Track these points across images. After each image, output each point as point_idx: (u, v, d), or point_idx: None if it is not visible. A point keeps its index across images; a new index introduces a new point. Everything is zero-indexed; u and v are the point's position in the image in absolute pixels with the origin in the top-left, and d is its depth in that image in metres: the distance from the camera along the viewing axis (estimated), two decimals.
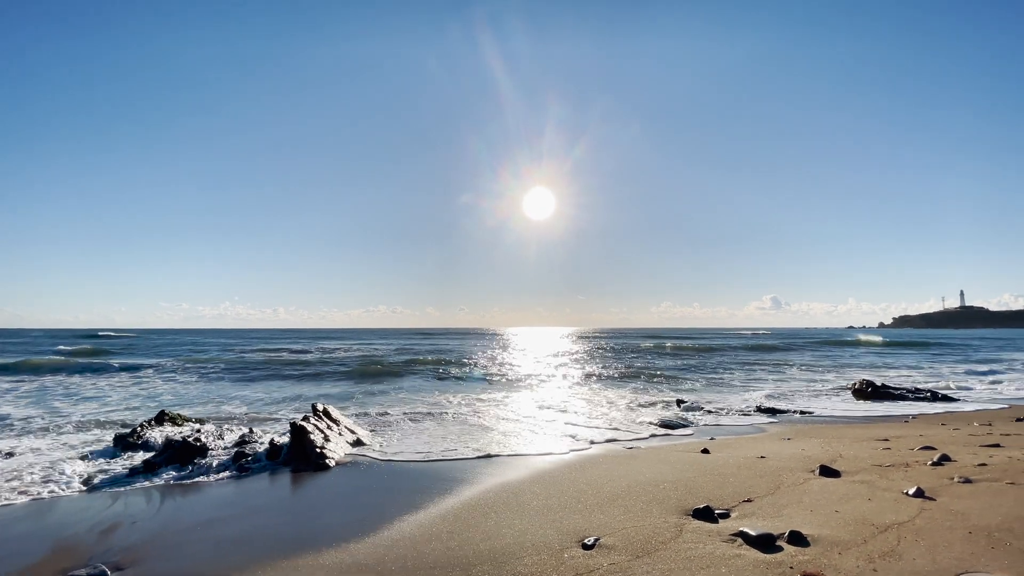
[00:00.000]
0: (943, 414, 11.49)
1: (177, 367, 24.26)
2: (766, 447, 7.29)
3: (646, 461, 6.62)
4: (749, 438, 8.64)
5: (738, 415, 12.36)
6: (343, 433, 8.88)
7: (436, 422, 10.95)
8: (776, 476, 5.41)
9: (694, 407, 13.17)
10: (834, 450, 6.68)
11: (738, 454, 6.77)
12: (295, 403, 13.81)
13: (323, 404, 9.75)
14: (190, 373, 21.78)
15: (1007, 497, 4.05)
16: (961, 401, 14.56)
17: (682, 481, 5.40)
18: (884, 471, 5.24)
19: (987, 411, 11.90)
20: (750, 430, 9.68)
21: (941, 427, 9.19)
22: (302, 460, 7.28)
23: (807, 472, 5.47)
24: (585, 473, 6.07)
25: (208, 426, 9.17)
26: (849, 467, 5.56)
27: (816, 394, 16.70)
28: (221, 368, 23.79)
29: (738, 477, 5.48)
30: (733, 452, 6.96)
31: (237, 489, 6.12)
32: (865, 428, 9.24)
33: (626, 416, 11.60)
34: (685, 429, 10.01)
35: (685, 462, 6.42)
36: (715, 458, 6.58)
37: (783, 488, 4.95)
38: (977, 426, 9.36)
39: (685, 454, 7.06)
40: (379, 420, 11.30)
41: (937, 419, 10.60)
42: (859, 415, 11.66)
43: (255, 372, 22.23)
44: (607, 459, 6.91)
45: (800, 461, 6.02)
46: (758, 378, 20.84)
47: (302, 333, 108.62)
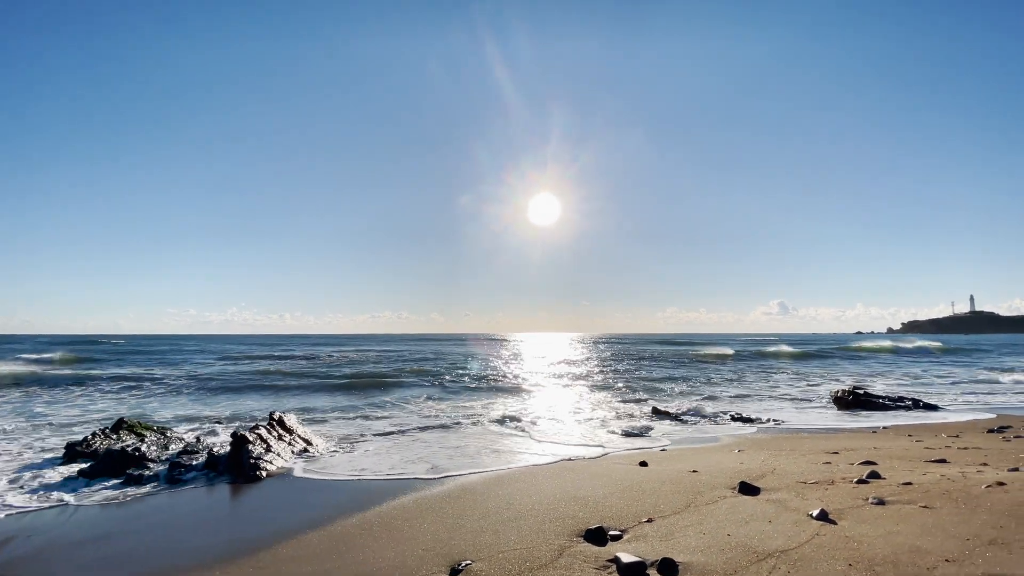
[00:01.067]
0: (917, 425, 10.97)
1: (160, 376, 24.32)
2: (708, 460, 6.92)
3: (578, 475, 6.30)
4: (702, 448, 8.26)
5: (710, 424, 11.96)
6: (295, 443, 8.67)
7: (402, 435, 10.72)
8: (695, 493, 5.07)
9: (670, 416, 12.79)
10: (773, 464, 6.30)
11: (674, 468, 6.42)
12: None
13: (280, 413, 9.58)
14: (168, 383, 21.80)
15: (910, 524, 3.69)
16: (944, 410, 13.98)
17: (595, 498, 5.09)
18: (805, 489, 4.88)
19: (964, 421, 11.35)
20: (709, 440, 9.28)
21: (906, 438, 8.73)
22: (237, 471, 7.08)
23: (728, 489, 5.12)
24: (505, 489, 5.78)
25: (152, 436, 9.01)
26: (774, 483, 5.20)
27: (800, 402, 16.19)
28: (208, 373, 23.81)
29: (657, 494, 5.15)
30: (671, 465, 6.61)
31: (154, 502, 5.93)
32: (826, 439, 8.80)
33: (596, 427, 11.26)
34: (645, 440, 9.65)
35: (615, 477, 6.09)
36: (648, 472, 6.24)
37: (693, 507, 4.61)
38: (944, 437, 8.88)
39: (623, 467, 6.72)
40: (349, 431, 11.09)
41: (908, 430, 10.10)
42: (830, 426, 11.18)
43: (241, 380, 22.19)
44: (534, 474, 6.60)
45: (730, 476, 5.66)
46: (748, 384, 20.30)
47: (307, 339, 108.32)
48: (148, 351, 43.09)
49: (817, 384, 20.80)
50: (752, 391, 18.73)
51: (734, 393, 18.19)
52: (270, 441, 8.03)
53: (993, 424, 10.39)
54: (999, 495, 4.04)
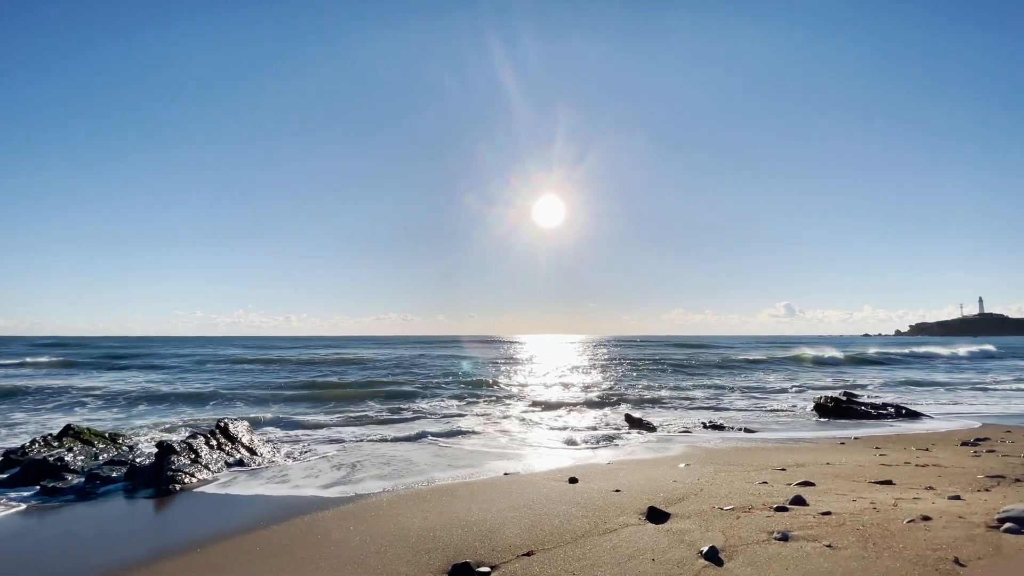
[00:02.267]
0: (892, 435, 10.24)
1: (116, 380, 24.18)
2: (644, 476, 6.34)
3: (495, 493, 5.78)
4: (650, 461, 7.67)
5: (680, 433, 11.34)
6: (234, 453, 8.25)
7: (357, 445, 10.29)
8: (600, 518, 4.53)
9: (642, 424, 12.17)
10: (705, 483, 5.71)
11: (600, 486, 5.87)
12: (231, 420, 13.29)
13: (229, 420, 9.19)
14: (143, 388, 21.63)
15: (804, 568, 3.12)
16: (927, 418, 13.17)
17: (492, 524, 4.57)
18: (717, 517, 4.31)
19: (942, 432, 10.58)
20: (664, 452, 8.68)
21: (871, 452, 8.05)
22: (154, 483, 6.68)
23: (637, 514, 4.56)
24: (406, 509, 5.28)
25: (101, 444, 8.67)
26: (689, 509, 4.63)
27: (784, 410, 15.48)
28: (189, 377, 23.66)
29: (561, 518, 4.62)
30: (600, 483, 6.05)
31: (43, 517, 5.52)
32: (784, 452, 8.15)
33: (558, 436, 10.71)
34: (603, 450, 9.08)
35: (533, 496, 5.56)
36: (571, 491, 5.70)
37: (586, 537, 4.08)
38: (912, 451, 8.18)
39: (550, 484, 6.18)
40: (307, 440, 10.70)
41: (879, 441, 9.39)
42: (800, 436, 10.48)
43: (224, 387, 21.97)
44: (452, 491, 6.07)
45: (650, 497, 5.10)
46: (736, 389, 19.55)
47: (310, 341, 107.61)
48: (143, 354, 41.35)
49: (804, 392, 19.98)
50: (735, 395, 18.02)
51: (718, 398, 17.50)
52: (201, 451, 7.62)
53: (971, 436, 9.63)
54: (917, 534, 3.45)
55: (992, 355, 42.56)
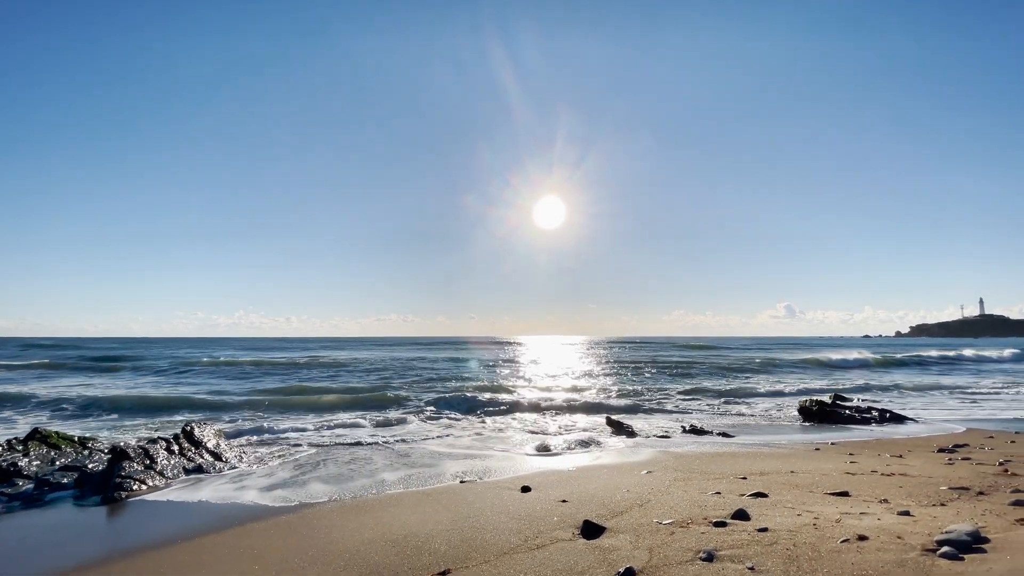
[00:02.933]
0: (871, 441, 9.94)
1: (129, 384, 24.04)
2: (598, 484, 6.09)
3: (438, 504, 5.55)
4: (613, 467, 7.40)
5: (658, 436, 11.07)
6: (196, 458, 8.06)
7: (326, 453, 10.09)
8: (533, 532, 4.29)
9: (622, 428, 11.89)
10: (655, 493, 5.45)
11: (550, 496, 5.63)
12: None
13: (195, 424, 9.00)
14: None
15: None
16: (912, 423, 12.83)
17: (422, 537, 4.34)
18: (652, 532, 4.06)
19: (923, 437, 10.26)
20: (632, 455, 8.41)
21: (843, 458, 7.75)
22: (101, 490, 6.48)
23: (573, 528, 4.32)
24: (340, 521, 5.06)
25: (68, 448, 8.49)
26: (628, 522, 4.39)
27: (772, 414, 15.19)
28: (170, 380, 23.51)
29: (494, 532, 4.38)
30: (553, 492, 5.81)
31: None
32: (751, 459, 7.87)
33: (530, 441, 10.48)
34: (573, 455, 8.83)
35: (478, 506, 5.33)
36: (519, 500, 5.46)
37: (510, 553, 3.84)
38: (886, 457, 7.89)
39: (500, 493, 5.94)
40: (279, 445, 10.53)
41: (856, 447, 9.09)
42: (776, 440, 10.18)
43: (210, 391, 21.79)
44: (397, 501, 5.84)
45: (594, 508, 4.86)
46: (731, 392, 19.22)
47: (308, 342, 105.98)
48: (134, 356, 38.98)
49: (789, 397, 19.62)
50: (719, 399, 17.71)
51: (718, 403, 17.21)
52: (158, 457, 7.43)
53: (951, 441, 9.32)
54: (847, 556, 3.19)
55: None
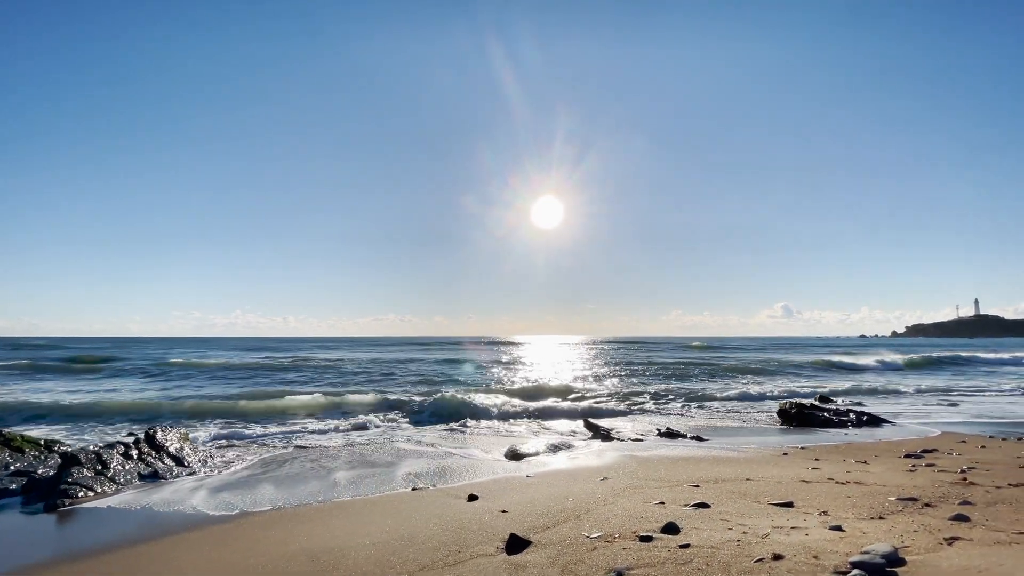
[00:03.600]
0: (841, 445, 9.74)
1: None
2: (550, 491, 5.90)
3: (380, 513, 5.38)
4: (570, 473, 7.19)
5: (630, 441, 10.89)
6: (156, 463, 7.90)
7: (287, 459, 9.94)
8: (459, 547, 4.12)
9: (599, 432, 11.71)
10: (606, 500, 5.26)
11: (496, 504, 5.45)
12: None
13: (158, 428, 8.85)
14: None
15: None
16: (889, 426, 12.62)
17: (344, 553, 4.17)
18: (577, 546, 3.89)
19: (895, 440, 10.06)
20: (596, 460, 8.22)
21: (808, 464, 7.56)
22: (47, 496, 6.32)
23: (499, 542, 4.15)
24: (265, 533, 4.89)
25: (32, 452, 8.33)
26: (561, 534, 4.21)
27: (751, 418, 15.03)
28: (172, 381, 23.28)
29: (418, 547, 4.20)
30: (498, 501, 5.63)
31: None
32: (712, 465, 7.67)
33: (500, 445, 10.32)
34: (544, 457, 8.66)
35: (418, 517, 5.16)
36: (461, 510, 5.29)
37: (425, 570, 3.66)
38: (851, 463, 7.70)
39: (448, 501, 5.77)
40: (244, 453, 10.38)
41: (825, 451, 8.89)
42: (747, 444, 9.98)
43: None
44: (341, 510, 5.68)
45: (530, 520, 4.68)
46: (711, 396, 19.02)
47: (303, 342, 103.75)
48: (121, 357, 36.94)
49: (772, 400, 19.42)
50: (700, 403, 17.52)
51: (706, 405, 17.02)
52: (111, 462, 7.27)
53: (921, 446, 9.12)
54: None
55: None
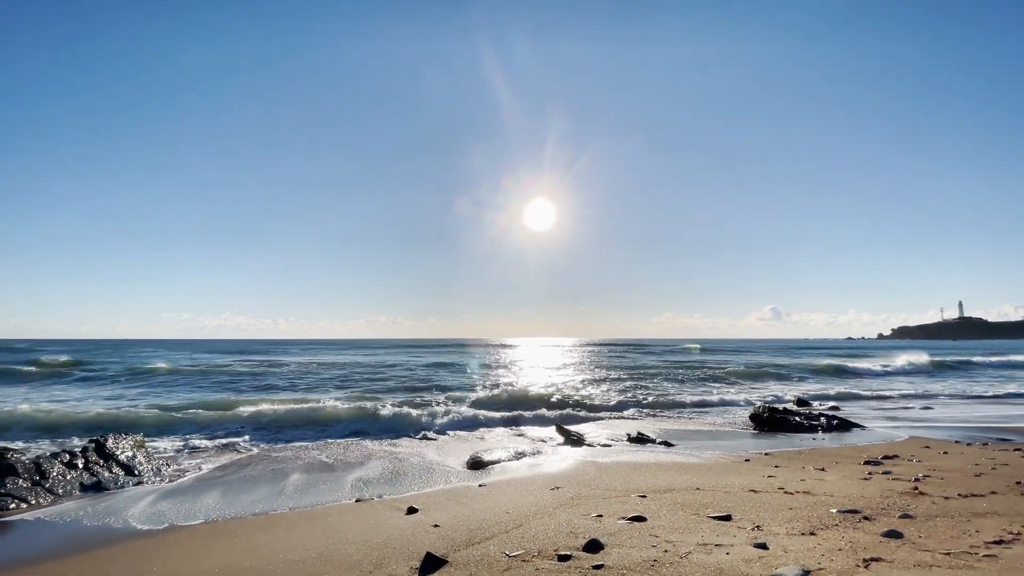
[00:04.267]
0: (805, 451, 9.58)
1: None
2: (494, 503, 5.67)
3: (312, 528, 5.14)
4: (522, 483, 6.93)
5: (599, 446, 10.69)
6: (104, 472, 7.61)
7: (239, 467, 9.65)
8: (373, 565, 3.88)
9: (570, 437, 11.50)
10: (546, 512, 5.05)
11: (431, 518, 5.21)
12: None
13: (110, 436, 8.55)
14: None
15: None
16: (859, 430, 12.49)
17: (262, 572, 3.94)
18: (493, 566, 3.66)
19: (862, 445, 9.91)
20: (555, 467, 8.01)
21: (767, 469, 7.39)
22: None
23: (417, 560, 3.93)
24: (190, 549, 4.65)
25: None
26: (482, 552, 3.98)
27: (729, 423, 14.88)
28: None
29: (338, 565, 3.96)
30: (437, 514, 5.40)
31: None
32: (674, 471, 7.47)
33: (469, 451, 10.09)
34: (490, 469, 8.42)
35: (347, 532, 4.92)
36: (395, 524, 5.06)
37: None
38: (810, 470, 7.52)
39: (385, 514, 5.54)
40: (203, 461, 10.07)
41: (785, 457, 8.72)
42: (714, 449, 9.78)
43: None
44: (272, 523, 5.43)
45: (466, 533, 4.46)
46: (682, 404, 18.84)
47: (291, 344, 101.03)
48: (91, 361, 34.36)
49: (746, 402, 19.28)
50: (716, 407, 17.35)
51: (687, 410, 16.85)
52: (51, 472, 6.98)
53: (885, 451, 8.97)
54: None
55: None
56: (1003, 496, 5.49)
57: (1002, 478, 6.46)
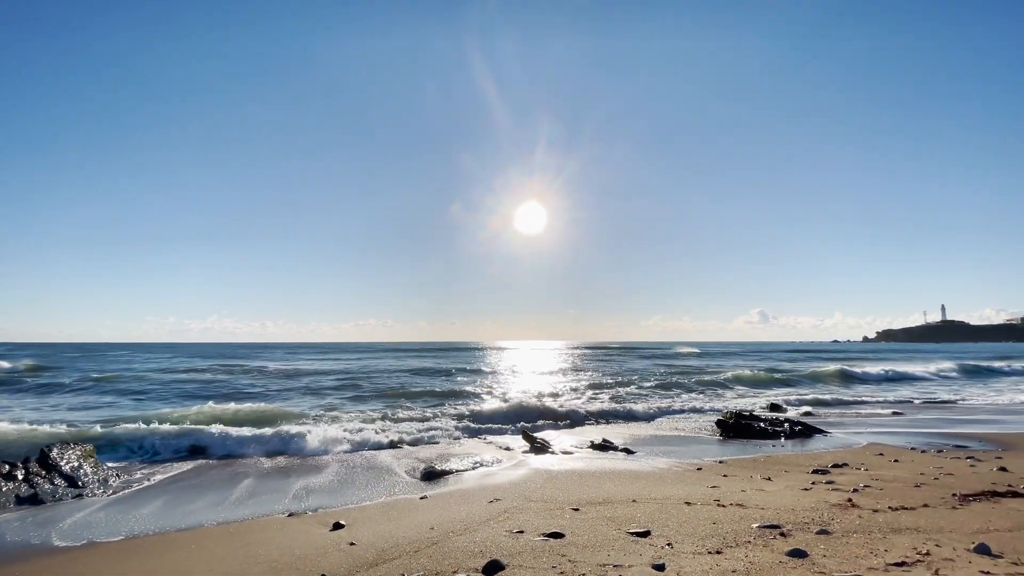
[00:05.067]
0: (760, 458, 9.46)
1: None
2: (429, 517, 5.49)
3: (223, 547, 4.96)
4: (465, 495, 6.76)
5: (561, 454, 10.53)
6: (45, 484, 7.38)
7: (179, 481, 9.42)
8: None
9: (535, 444, 11.33)
10: (473, 527, 4.88)
11: (353, 535, 5.03)
12: None
13: (55, 446, 8.31)
14: None
15: None
16: (821, 436, 12.38)
17: None
18: None
19: (815, 451, 9.81)
20: (505, 476, 7.85)
21: (716, 479, 7.26)
22: None
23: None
24: (86, 568, 4.46)
25: None
26: (386, 572, 3.83)
27: (698, 428, 14.77)
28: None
29: None
30: (362, 529, 5.23)
31: None
32: (621, 481, 7.31)
33: (423, 458, 9.89)
34: (440, 479, 8.25)
35: (269, 547, 4.74)
36: (315, 540, 4.88)
37: None
38: (757, 479, 7.40)
39: (309, 530, 5.37)
40: (151, 474, 9.84)
41: (739, 465, 8.57)
42: (672, 455, 9.65)
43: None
44: (198, 539, 5.25)
45: (378, 552, 4.29)
46: (663, 406, 18.71)
47: (275, 348, 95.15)
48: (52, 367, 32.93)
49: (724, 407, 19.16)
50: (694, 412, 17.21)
51: (659, 418, 16.70)
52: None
53: (836, 459, 8.86)
54: None
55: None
56: (933, 510, 5.38)
57: (940, 489, 6.36)
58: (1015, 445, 10.25)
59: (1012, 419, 14.54)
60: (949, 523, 4.81)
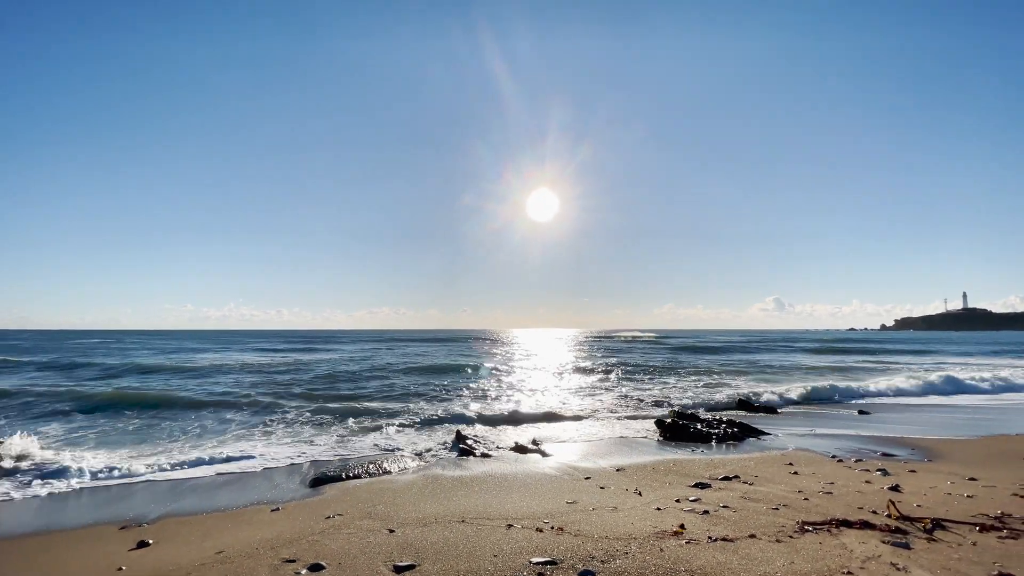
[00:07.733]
0: (661, 465, 8.80)
1: None
2: (246, 533, 5.20)
3: (18, 564, 4.76)
4: (313, 505, 6.50)
5: (476, 457, 10.06)
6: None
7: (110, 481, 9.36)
8: None
9: (464, 443, 10.95)
10: (249, 555, 4.54)
11: (143, 557, 4.77)
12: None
13: (13, 438, 8.40)
14: None
15: None
16: (752, 440, 11.50)
17: None
18: None
19: (728, 459, 9.05)
20: (388, 484, 7.49)
21: (587, 490, 6.70)
22: None
23: None
24: None
25: None
26: None
27: (633, 429, 14.07)
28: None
29: None
30: (168, 548, 4.96)
31: None
32: (496, 492, 6.84)
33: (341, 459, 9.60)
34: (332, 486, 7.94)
35: (57, 571, 4.51)
36: (106, 560, 4.63)
37: None
38: (630, 493, 6.78)
39: (109, 547, 5.11)
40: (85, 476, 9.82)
41: (629, 474, 7.97)
42: (584, 462, 9.06)
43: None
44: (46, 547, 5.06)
45: (233, 563, 4.00)
46: (642, 399, 17.92)
47: (287, 335, 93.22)
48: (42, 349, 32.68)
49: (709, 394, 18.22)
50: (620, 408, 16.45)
51: (625, 414, 16.02)
52: None
53: (736, 469, 8.09)
54: None
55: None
56: (753, 542, 4.69)
57: (794, 514, 5.60)
58: (945, 454, 9.23)
59: (987, 421, 13.33)
60: (744, 563, 4.16)
